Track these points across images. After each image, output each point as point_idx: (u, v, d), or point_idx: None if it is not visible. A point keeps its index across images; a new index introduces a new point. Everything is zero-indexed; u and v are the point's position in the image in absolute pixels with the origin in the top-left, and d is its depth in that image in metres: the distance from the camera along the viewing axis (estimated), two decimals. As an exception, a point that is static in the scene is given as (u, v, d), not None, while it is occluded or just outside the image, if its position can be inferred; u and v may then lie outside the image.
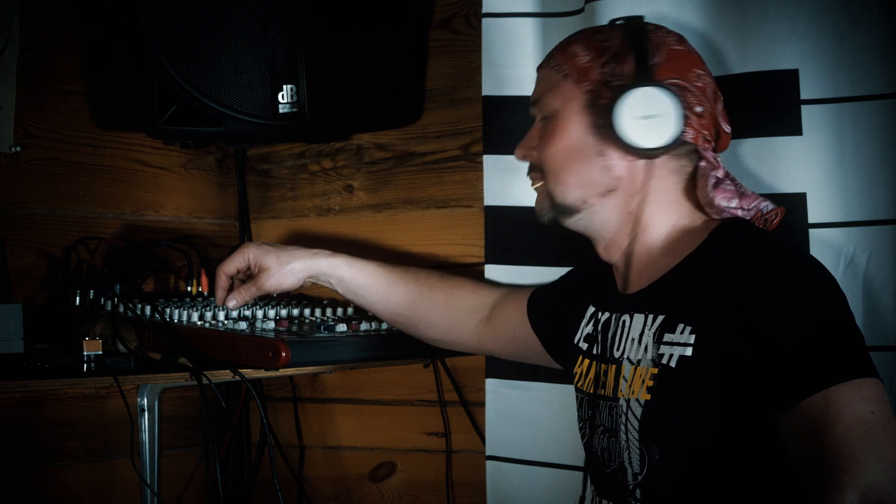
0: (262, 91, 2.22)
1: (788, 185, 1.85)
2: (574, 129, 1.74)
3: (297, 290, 2.11)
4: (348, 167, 2.46)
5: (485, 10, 2.17)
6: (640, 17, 1.76)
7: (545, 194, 1.78)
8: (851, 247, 1.82)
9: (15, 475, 2.16)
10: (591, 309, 1.84)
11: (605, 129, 1.69)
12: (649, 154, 1.68)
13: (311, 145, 2.49)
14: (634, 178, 1.72)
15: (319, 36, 2.24)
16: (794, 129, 1.84)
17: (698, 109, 1.69)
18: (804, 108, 1.84)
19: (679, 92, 1.66)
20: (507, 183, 2.18)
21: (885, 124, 1.80)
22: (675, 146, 1.68)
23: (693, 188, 1.73)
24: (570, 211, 1.76)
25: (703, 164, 1.72)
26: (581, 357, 1.83)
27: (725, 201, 1.70)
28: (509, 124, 2.16)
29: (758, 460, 1.58)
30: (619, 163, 1.72)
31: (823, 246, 1.82)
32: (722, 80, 1.84)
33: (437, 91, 2.35)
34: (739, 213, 1.70)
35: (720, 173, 1.72)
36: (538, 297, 2.02)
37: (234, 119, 2.21)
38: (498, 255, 2.18)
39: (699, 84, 1.70)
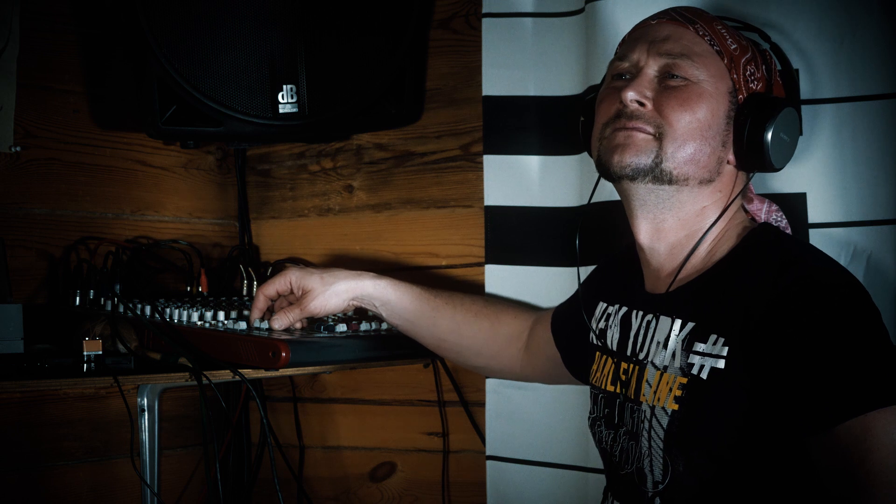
0: (262, 91, 2.22)
1: (788, 185, 1.85)
2: (716, 109, 1.67)
3: (341, 311, 2.08)
4: (348, 167, 2.46)
5: (485, 10, 2.17)
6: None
7: (649, 149, 1.66)
8: (851, 247, 1.82)
9: (15, 475, 2.16)
10: (602, 305, 1.83)
11: (736, 124, 1.68)
12: (756, 170, 1.70)
13: (311, 145, 2.49)
14: (730, 181, 1.70)
15: (319, 36, 2.24)
16: (794, 129, 1.85)
17: None
18: (804, 108, 1.84)
19: None
20: (508, 183, 2.18)
21: (885, 124, 1.80)
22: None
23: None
24: (669, 179, 1.67)
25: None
26: (597, 353, 1.81)
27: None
28: (509, 124, 2.17)
29: (785, 478, 1.56)
30: (725, 162, 1.70)
31: (823, 246, 1.81)
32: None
33: (437, 91, 2.35)
34: (763, 216, 1.73)
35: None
36: (560, 311, 2.00)
37: (234, 119, 2.21)
38: (498, 255, 2.19)
39: None
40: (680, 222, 1.70)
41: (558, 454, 2.12)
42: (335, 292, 2.02)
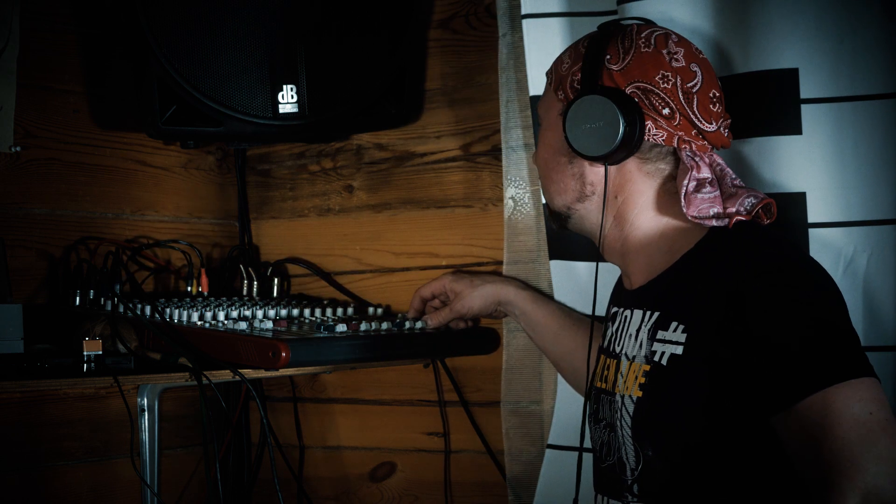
0: (262, 91, 2.22)
1: (788, 185, 1.84)
2: (551, 138, 1.78)
3: (487, 313, 2.16)
4: (348, 167, 2.46)
5: (524, 11, 2.14)
6: (642, 20, 1.77)
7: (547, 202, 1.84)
8: (851, 247, 1.82)
9: (15, 475, 2.16)
10: (611, 306, 1.86)
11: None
12: (607, 161, 1.70)
13: (311, 145, 2.49)
14: (610, 183, 1.74)
15: (319, 36, 2.24)
16: (794, 128, 1.84)
17: (665, 112, 1.68)
18: (804, 108, 1.84)
19: (643, 96, 1.68)
20: None
21: (886, 124, 1.80)
22: (643, 150, 1.70)
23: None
24: (562, 217, 1.81)
25: (680, 166, 1.71)
26: (599, 353, 1.84)
27: (698, 211, 1.67)
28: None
29: (752, 461, 1.58)
30: (589, 170, 1.74)
31: (823, 246, 1.81)
32: (722, 81, 1.83)
33: (437, 91, 2.35)
34: (714, 222, 1.67)
35: (702, 174, 1.70)
36: None
37: (234, 119, 2.21)
38: (560, 251, 2.14)
39: (666, 86, 1.68)
40: (610, 236, 1.77)
41: None
42: (480, 294, 2.13)
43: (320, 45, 2.24)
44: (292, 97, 2.23)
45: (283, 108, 2.23)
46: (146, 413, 2.07)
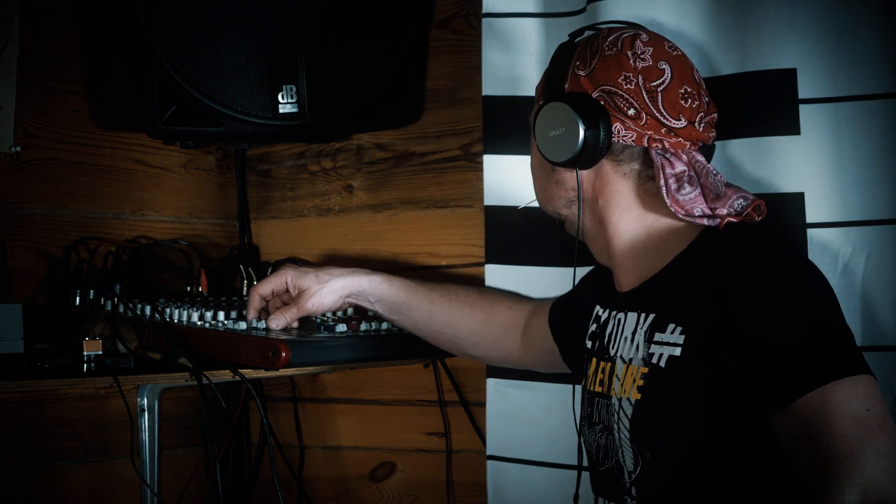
0: (262, 91, 2.22)
1: (786, 185, 1.85)
2: (534, 148, 1.80)
3: (338, 309, 2.09)
4: (348, 167, 2.46)
5: (485, 10, 2.17)
6: (623, 23, 1.78)
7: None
8: (849, 247, 1.82)
9: (15, 475, 2.16)
10: (598, 309, 1.86)
11: None
12: (575, 166, 1.72)
13: (311, 145, 2.49)
14: (587, 188, 1.75)
15: (319, 36, 2.24)
16: (793, 128, 1.84)
17: (631, 112, 1.69)
18: (802, 108, 1.84)
19: (608, 98, 1.69)
20: (507, 183, 2.18)
21: (884, 124, 1.80)
22: (615, 152, 1.71)
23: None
24: (556, 222, 1.83)
25: (655, 165, 1.71)
26: (587, 356, 1.84)
27: (685, 210, 1.68)
28: (509, 124, 2.17)
29: (751, 460, 1.59)
30: (568, 175, 1.76)
31: (821, 246, 1.82)
32: (719, 81, 1.84)
33: (437, 91, 2.35)
34: (705, 221, 1.67)
35: (676, 169, 1.69)
36: (557, 306, 2.03)
37: (234, 119, 2.21)
38: (498, 255, 2.19)
39: (629, 86, 1.69)
40: (598, 239, 1.79)
41: (559, 454, 2.12)
42: (331, 290, 2.04)
43: (320, 44, 2.24)
44: (292, 97, 2.23)
45: (283, 108, 2.23)
46: (146, 413, 2.07)
